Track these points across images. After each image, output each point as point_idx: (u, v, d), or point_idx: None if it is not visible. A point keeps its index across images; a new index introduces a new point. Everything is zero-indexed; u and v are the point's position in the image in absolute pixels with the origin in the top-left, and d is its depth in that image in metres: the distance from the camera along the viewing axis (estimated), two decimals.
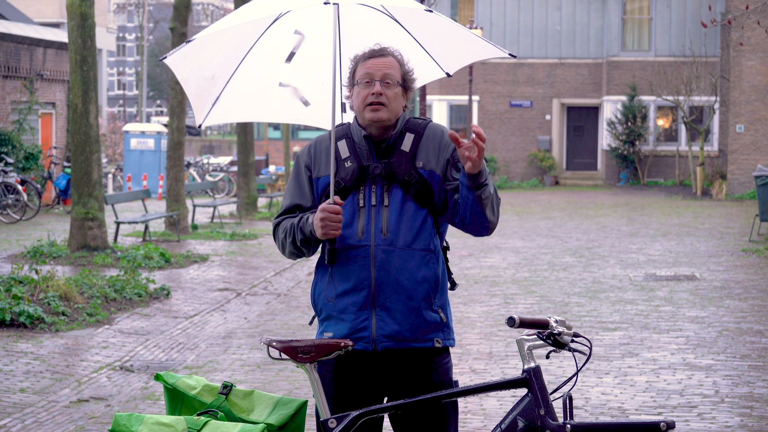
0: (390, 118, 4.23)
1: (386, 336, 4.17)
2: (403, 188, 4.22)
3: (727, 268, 16.08)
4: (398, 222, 4.20)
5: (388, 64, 4.22)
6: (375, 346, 4.18)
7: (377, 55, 4.24)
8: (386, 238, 4.18)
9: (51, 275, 12.10)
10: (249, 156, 25.37)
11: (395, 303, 4.17)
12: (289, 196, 4.34)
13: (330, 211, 4.12)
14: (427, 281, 4.23)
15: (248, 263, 16.75)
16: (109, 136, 49.52)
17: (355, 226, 4.20)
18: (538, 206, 29.69)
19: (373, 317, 4.18)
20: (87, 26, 16.14)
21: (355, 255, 4.19)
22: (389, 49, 4.27)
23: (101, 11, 45.59)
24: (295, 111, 4.86)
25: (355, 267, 4.19)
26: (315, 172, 4.31)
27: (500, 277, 15.23)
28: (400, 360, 4.20)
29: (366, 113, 4.21)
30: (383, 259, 4.17)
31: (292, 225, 4.27)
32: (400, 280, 4.17)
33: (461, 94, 40.34)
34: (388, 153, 4.25)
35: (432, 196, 4.25)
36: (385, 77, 4.20)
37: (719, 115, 37.19)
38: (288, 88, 4.77)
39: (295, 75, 4.74)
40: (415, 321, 4.19)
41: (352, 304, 4.19)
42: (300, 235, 4.23)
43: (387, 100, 4.20)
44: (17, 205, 23.70)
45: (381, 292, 4.17)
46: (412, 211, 4.22)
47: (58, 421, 7.69)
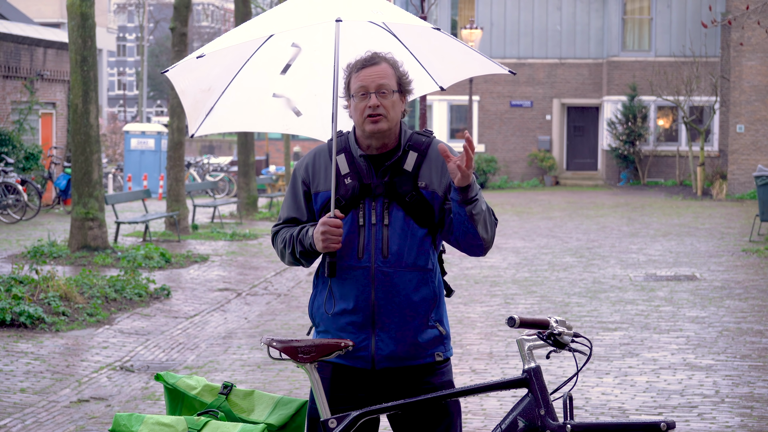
0: (391, 127, 4.19)
1: (385, 357, 4.18)
2: (404, 208, 4.19)
3: (728, 268, 16.08)
4: (399, 243, 4.17)
5: (382, 73, 4.16)
6: (374, 365, 4.18)
7: (369, 65, 4.17)
8: (387, 260, 4.16)
9: (51, 275, 12.10)
10: (249, 156, 25.38)
11: (394, 324, 4.16)
12: (286, 209, 4.33)
13: (331, 224, 4.09)
14: (426, 300, 4.21)
15: (248, 263, 16.76)
16: (109, 136, 49.54)
17: (355, 245, 4.18)
18: (538, 206, 29.69)
19: (372, 338, 4.18)
20: (87, 26, 16.14)
21: (355, 275, 4.17)
22: (381, 55, 4.21)
23: (101, 11, 45.60)
24: (287, 121, 4.84)
25: (355, 287, 4.17)
26: (314, 187, 4.27)
27: (500, 277, 15.23)
28: (399, 377, 4.21)
29: (366, 126, 4.17)
30: (383, 281, 4.15)
31: (291, 236, 4.25)
32: (399, 302, 4.16)
33: (461, 95, 40.34)
34: (390, 172, 4.21)
35: (433, 217, 4.22)
36: (379, 88, 4.15)
37: (719, 115, 37.18)
38: (281, 99, 4.77)
39: (288, 86, 4.75)
40: (414, 340, 4.19)
41: (351, 324, 4.18)
42: (299, 247, 4.22)
43: (385, 111, 4.15)
44: (17, 205, 23.70)
45: (380, 313, 4.16)
46: (413, 231, 4.19)
47: (59, 421, 7.70)
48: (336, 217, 4.12)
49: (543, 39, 40.83)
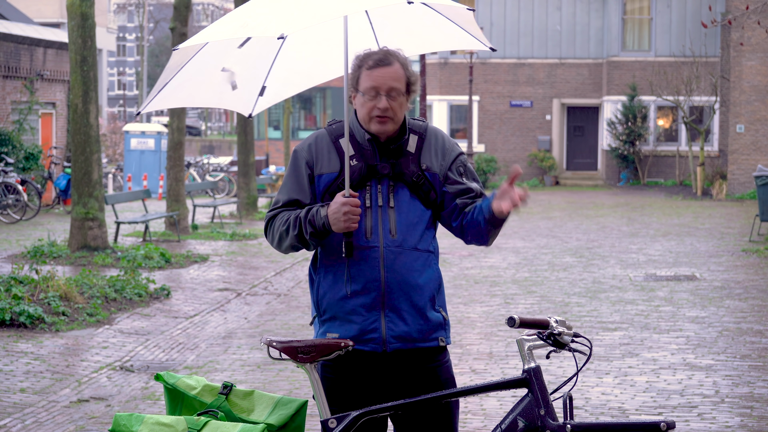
0: (396, 128, 4.23)
1: (396, 337, 4.17)
2: (410, 189, 4.22)
3: (728, 268, 16.08)
4: (405, 223, 4.20)
5: (394, 75, 4.16)
6: (385, 348, 4.17)
7: (383, 65, 4.16)
8: (395, 240, 4.17)
9: (51, 275, 12.10)
10: (249, 156, 25.38)
11: (404, 304, 4.17)
12: (286, 191, 4.27)
13: (352, 204, 4.08)
14: (432, 282, 4.23)
15: (248, 263, 16.76)
16: (109, 136, 49.54)
17: (363, 225, 4.18)
18: (538, 206, 29.69)
19: (382, 319, 4.17)
20: (87, 26, 16.14)
21: (364, 256, 4.17)
22: (395, 55, 4.20)
23: (101, 11, 45.59)
24: (222, 95, 4.71)
25: (365, 268, 4.17)
26: (317, 170, 4.25)
27: (500, 277, 15.23)
28: (408, 360, 4.21)
29: (372, 125, 4.19)
30: (392, 260, 4.16)
31: (297, 217, 4.18)
32: (408, 281, 4.17)
33: (461, 94, 40.34)
34: (395, 154, 4.24)
35: (435, 198, 4.26)
36: (390, 91, 4.15)
37: (719, 115, 37.18)
38: (227, 73, 4.65)
39: (239, 60, 4.61)
40: (422, 321, 4.20)
41: (361, 305, 4.17)
42: (309, 228, 4.15)
43: (393, 114, 4.18)
44: (17, 205, 23.70)
45: (390, 293, 4.16)
46: (418, 212, 4.22)
47: (58, 421, 7.69)
48: (351, 196, 4.11)
49: (543, 39, 40.83)
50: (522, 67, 40.89)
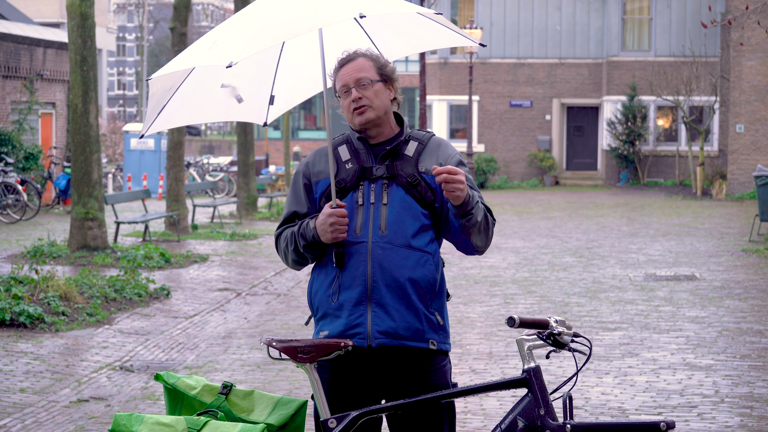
0: (379, 115, 4.28)
1: (381, 332, 4.17)
2: (405, 188, 4.24)
3: (727, 268, 16.08)
4: (397, 220, 4.21)
5: (358, 67, 4.28)
6: (370, 342, 4.17)
7: (346, 62, 4.31)
8: (384, 235, 4.19)
9: (51, 275, 12.10)
10: (249, 156, 25.38)
11: (391, 299, 4.17)
12: (287, 206, 4.40)
13: (338, 215, 4.15)
14: (426, 282, 4.22)
15: (248, 263, 16.76)
16: (109, 136, 49.56)
17: (353, 222, 4.21)
18: (538, 206, 29.69)
19: (368, 313, 4.18)
20: (87, 26, 16.14)
21: (351, 251, 4.20)
22: (357, 51, 4.33)
23: (101, 11, 45.60)
24: (230, 109, 4.85)
25: (352, 263, 4.20)
26: (314, 178, 4.34)
27: (500, 277, 15.23)
28: (396, 358, 4.20)
29: (354, 119, 4.28)
30: (380, 256, 4.18)
31: (292, 233, 4.30)
32: (396, 277, 4.17)
33: (461, 94, 40.34)
34: (391, 157, 4.28)
35: (435, 199, 4.27)
36: (358, 81, 4.26)
37: (719, 115, 37.19)
38: (228, 89, 4.77)
39: (235, 75, 4.73)
40: (411, 319, 4.19)
41: (348, 300, 4.20)
42: (302, 241, 4.24)
43: (369, 101, 4.26)
44: (17, 205, 23.70)
45: (377, 288, 4.18)
46: (412, 210, 4.23)
47: (58, 421, 7.70)
48: (338, 207, 4.17)
49: (543, 39, 40.84)
50: (522, 67, 40.89)
